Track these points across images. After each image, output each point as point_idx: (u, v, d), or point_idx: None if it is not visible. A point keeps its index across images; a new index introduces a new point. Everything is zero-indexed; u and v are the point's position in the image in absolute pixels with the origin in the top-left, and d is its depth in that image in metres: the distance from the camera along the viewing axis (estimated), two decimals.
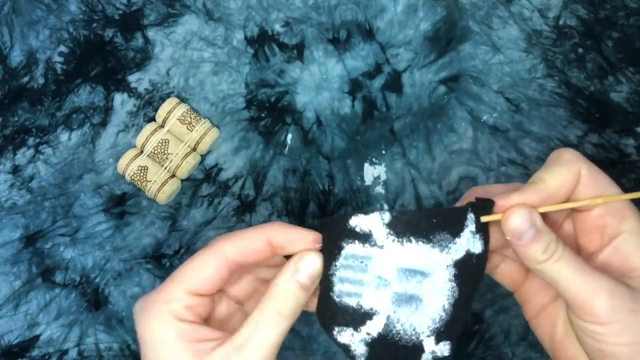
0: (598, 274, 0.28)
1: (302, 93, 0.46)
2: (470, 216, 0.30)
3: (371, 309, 0.30)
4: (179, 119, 0.45)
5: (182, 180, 0.45)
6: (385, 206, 0.45)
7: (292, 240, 0.30)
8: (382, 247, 0.30)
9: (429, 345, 0.31)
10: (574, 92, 0.45)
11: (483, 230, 0.30)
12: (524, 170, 0.44)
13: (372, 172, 0.45)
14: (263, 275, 0.34)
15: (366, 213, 0.30)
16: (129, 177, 0.44)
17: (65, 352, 0.43)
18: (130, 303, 0.44)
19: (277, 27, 0.47)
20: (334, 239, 0.30)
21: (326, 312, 0.31)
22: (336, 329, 0.31)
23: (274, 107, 0.46)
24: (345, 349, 0.31)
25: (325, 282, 0.31)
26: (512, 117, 0.45)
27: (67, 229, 0.45)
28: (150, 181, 0.44)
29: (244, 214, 0.45)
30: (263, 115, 0.46)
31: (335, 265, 0.30)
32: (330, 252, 0.30)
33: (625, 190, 0.31)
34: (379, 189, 0.45)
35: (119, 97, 0.47)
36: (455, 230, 0.30)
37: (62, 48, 0.48)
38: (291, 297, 0.30)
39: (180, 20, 0.48)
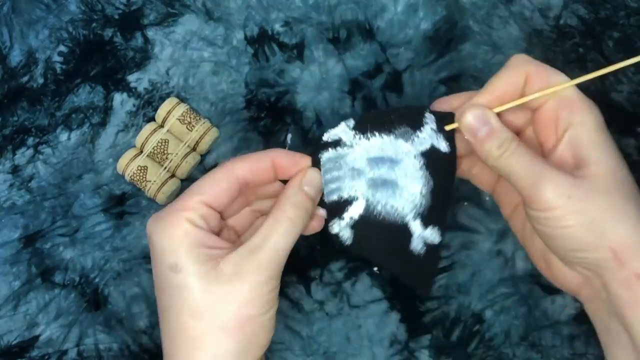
0: (544, 165, 0.31)
1: (302, 93, 0.46)
2: (429, 116, 0.34)
3: (350, 195, 0.35)
4: (179, 119, 0.45)
5: (181, 180, 0.45)
6: None
7: (293, 161, 0.34)
8: (351, 145, 0.34)
9: (417, 228, 0.34)
10: None
11: (448, 138, 0.34)
12: None
13: None
14: (259, 207, 0.37)
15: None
16: (128, 177, 0.44)
17: (65, 352, 0.43)
18: (129, 303, 0.44)
19: (277, 27, 0.47)
20: (314, 156, 0.35)
21: (326, 215, 0.35)
22: (329, 224, 0.35)
23: (274, 107, 0.46)
24: (336, 238, 0.35)
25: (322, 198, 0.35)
26: None
27: (67, 229, 0.45)
28: (150, 181, 0.44)
29: None
30: (263, 115, 0.46)
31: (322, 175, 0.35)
32: (316, 167, 0.35)
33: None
34: None
35: (118, 97, 0.47)
36: (415, 125, 0.34)
37: (62, 48, 0.48)
38: (299, 205, 0.33)
39: (180, 19, 0.48)
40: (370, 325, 0.42)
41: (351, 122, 0.34)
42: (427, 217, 0.34)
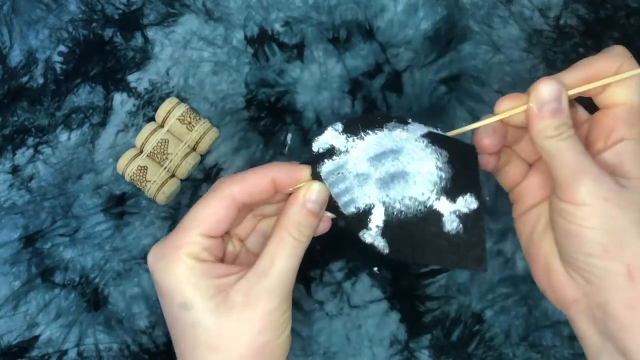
0: (592, 161, 0.30)
1: (302, 93, 0.46)
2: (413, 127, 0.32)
3: (366, 204, 0.32)
4: (179, 119, 0.45)
5: (181, 180, 0.45)
6: None
7: (293, 176, 0.33)
8: (347, 151, 0.32)
9: (445, 206, 0.32)
10: None
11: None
12: None
13: None
14: (261, 211, 0.36)
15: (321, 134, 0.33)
16: (128, 177, 0.44)
17: (65, 352, 0.43)
18: (129, 303, 0.44)
19: (277, 27, 0.47)
20: (314, 168, 0.33)
21: (349, 225, 0.33)
22: (359, 235, 0.33)
23: (274, 107, 0.46)
24: (373, 248, 0.32)
25: (331, 205, 0.33)
26: None
27: (67, 229, 0.45)
28: (150, 181, 0.44)
29: None
30: (263, 115, 0.46)
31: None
32: (317, 178, 0.33)
33: None
34: None
35: (118, 97, 0.47)
36: (404, 122, 0.33)
37: (62, 48, 0.48)
38: (303, 224, 0.32)
39: (180, 19, 0.48)
40: (370, 325, 0.42)
41: (339, 126, 0.33)
42: (452, 189, 0.31)
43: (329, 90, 0.46)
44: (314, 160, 0.33)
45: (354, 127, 0.32)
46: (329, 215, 0.34)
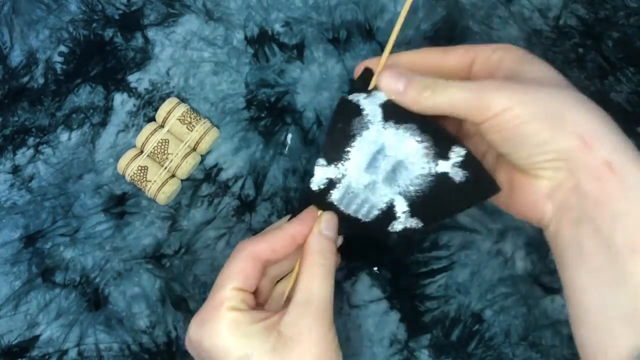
0: (483, 79, 0.31)
1: (302, 93, 0.46)
2: (354, 96, 0.35)
3: (386, 202, 0.35)
4: (179, 119, 0.45)
5: (182, 180, 0.45)
6: None
7: (307, 224, 0.35)
8: (344, 175, 0.35)
9: (445, 166, 0.34)
10: None
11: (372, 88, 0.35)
12: None
13: None
14: (274, 273, 0.38)
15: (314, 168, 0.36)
16: (129, 177, 0.44)
17: (65, 352, 0.43)
18: (130, 303, 0.44)
19: (277, 27, 0.47)
20: (320, 204, 0.36)
21: (373, 229, 0.37)
22: (389, 229, 0.36)
23: (274, 107, 0.46)
24: (405, 231, 0.36)
25: (350, 224, 0.37)
26: None
27: (67, 229, 0.45)
28: (150, 181, 0.44)
29: (244, 214, 0.45)
30: (263, 115, 0.46)
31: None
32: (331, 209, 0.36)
33: None
34: None
35: (118, 97, 0.47)
36: (356, 112, 0.35)
37: (62, 48, 0.48)
38: (326, 249, 0.34)
39: (180, 20, 0.48)
40: (370, 325, 0.42)
41: (323, 161, 0.35)
42: (440, 151, 0.34)
43: (329, 91, 0.46)
44: (321, 195, 0.36)
45: (332, 154, 0.35)
46: (339, 242, 0.37)
